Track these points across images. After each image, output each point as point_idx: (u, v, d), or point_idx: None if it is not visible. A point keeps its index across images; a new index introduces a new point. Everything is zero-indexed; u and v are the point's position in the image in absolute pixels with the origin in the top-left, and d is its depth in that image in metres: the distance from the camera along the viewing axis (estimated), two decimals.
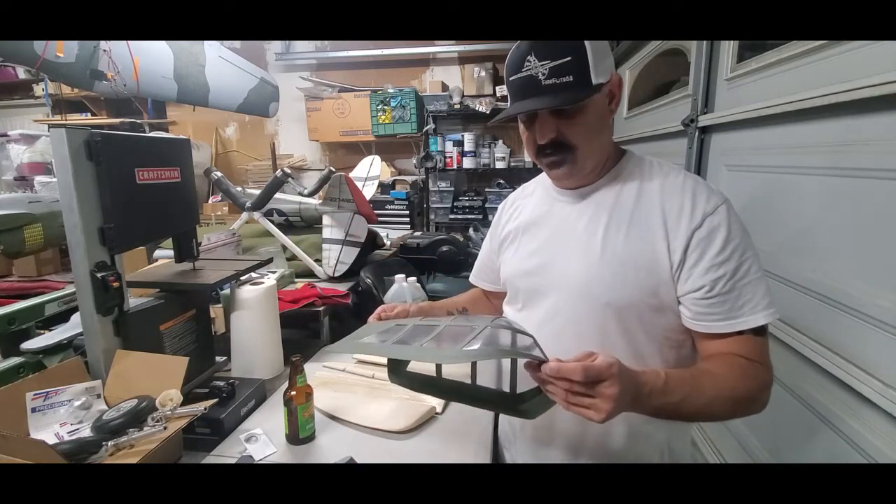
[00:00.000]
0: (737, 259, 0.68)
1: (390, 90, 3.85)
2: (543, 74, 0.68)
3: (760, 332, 0.69)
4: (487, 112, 3.72)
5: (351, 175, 2.32)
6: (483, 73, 3.87)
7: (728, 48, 1.41)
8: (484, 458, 0.90)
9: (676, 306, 0.73)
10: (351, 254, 1.85)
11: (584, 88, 0.69)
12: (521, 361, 0.63)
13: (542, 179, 0.91)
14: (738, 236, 0.69)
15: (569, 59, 0.67)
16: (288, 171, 1.87)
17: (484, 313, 1.05)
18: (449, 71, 4.16)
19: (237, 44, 3.75)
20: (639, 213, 0.74)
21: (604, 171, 0.80)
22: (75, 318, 1.21)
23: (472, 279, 1.08)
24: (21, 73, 4.43)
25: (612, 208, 0.76)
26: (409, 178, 3.93)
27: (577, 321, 0.76)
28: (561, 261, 0.79)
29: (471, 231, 3.00)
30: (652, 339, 0.75)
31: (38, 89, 4.43)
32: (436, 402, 1.04)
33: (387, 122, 3.84)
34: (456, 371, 0.84)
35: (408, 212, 3.75)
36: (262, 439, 0.94)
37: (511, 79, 0.73)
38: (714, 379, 0.65)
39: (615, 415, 0.56)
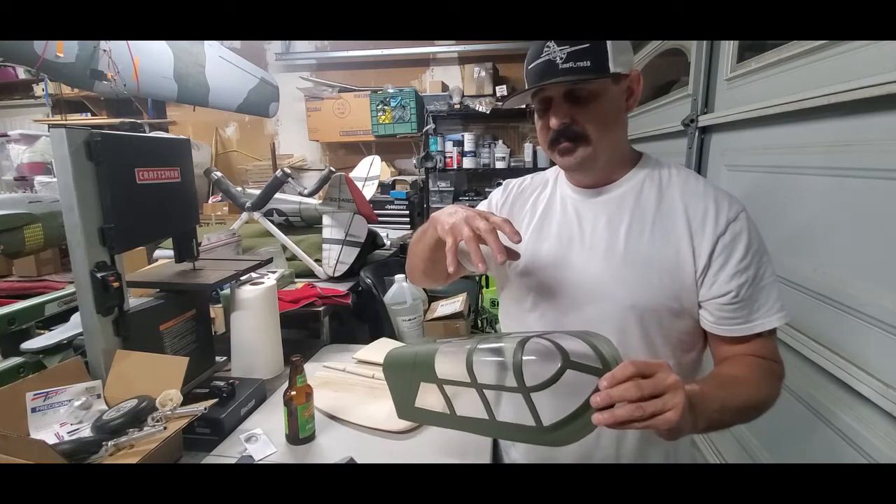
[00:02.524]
0: (756, 264, 0.69)
1: (390, 90, 3.85)
2: (561, 58, 0.68)
3: (773, 331, 0.71)
4: (487, 112, 3.72)
5: (351, 175, 2.32)
6: (483, 73, 3.87)
7: (728, 48, 1.41)
8: (484, 458, 0.90)
9: (696, 310, 0.73)
10: (351, 254, 1.85)
11: (602, 73, 0.69)
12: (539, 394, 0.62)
13: (556, 175, 0.88)
14: (757, 242, 0.70)
15: (587, 45, 0.68)
16: (288, 171, 1.87)
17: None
18: (449, 71, 4.16)
19: (237, 44, 3.74)
20: (661, 215, 0.74)
21: (622, 172, 0.79)
22: (75, 318, 1.21)
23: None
24: (21, 73, 4.43)
25: (632, 209, 0.75)
26: (409, 178, 3.93)
27: (596, 323, 0.73)
28: (579, 260, 0.77)
29: None
30: (668, 343, 0.75)
31: (38, 89, 4.43)
32: None
33: (387, 122, 3.83)
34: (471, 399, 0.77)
35: (408, 212, 3.75)
36: (262, 439, 0.94)
37: (529, 67, 0.73)
38: (743, 383, 0.66)
39: (685, 416, 0.52)
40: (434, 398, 0.78)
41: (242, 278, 1.23)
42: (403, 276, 1.53)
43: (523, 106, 3.44)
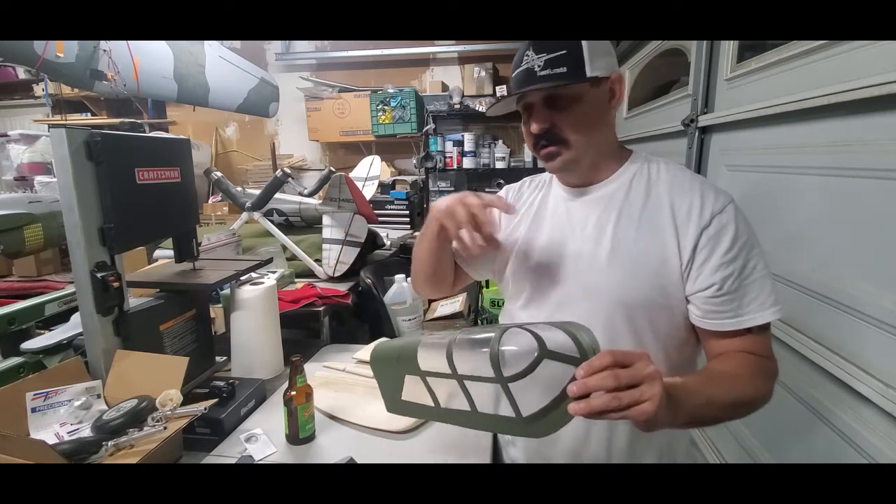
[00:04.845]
0: (744, 257, 0.69)
1: (390, 90, 3.85)
2: (539, 66, 0.71)
3: (765, 327, 0.71)
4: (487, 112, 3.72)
5: (351, 175, 2.32)
6: (483, 73, 3.87)
7: (728, 48, 1.41)
8: (484, 458, 0.90)
9: (684, 305, 0.74)
10: (351, 254, 1.85)
11: (577, 78, 0.71)
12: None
13: (551, 177, 0.89)
14: (745, 235, 0.70)
15: (564, 52, 0.70)
16: (288, 171, 1.87)
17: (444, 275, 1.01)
18: (449, 71, 4.15)
19: (237, 44, 3.74)
20: (647, 211, 0.75)
21: (610, 170, 0.80)
22: (75, 318, 1.21)
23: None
24: (21, 73, 4.42)
25: (621, 207, 0.76)
26: (409, 178, 3.93)
27: (585, 320, 0.74)
28: (570, 258, 0.78)
29: None
30: (658, 338, 0.75)
31: (38, 89, 4.42)
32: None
33: (387, 122, 3.83)
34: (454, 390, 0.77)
35: (408, 212, 3.74)
36: (262, 439, 0.94)
37: (513, 75, 0.76)
38: (732, 379, 0.66)
39: (662, 407, 0.52)
40: (423, 391, 0.78)
41: (242, 278, 1.23)
42: (403, 276, 1.53)
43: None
